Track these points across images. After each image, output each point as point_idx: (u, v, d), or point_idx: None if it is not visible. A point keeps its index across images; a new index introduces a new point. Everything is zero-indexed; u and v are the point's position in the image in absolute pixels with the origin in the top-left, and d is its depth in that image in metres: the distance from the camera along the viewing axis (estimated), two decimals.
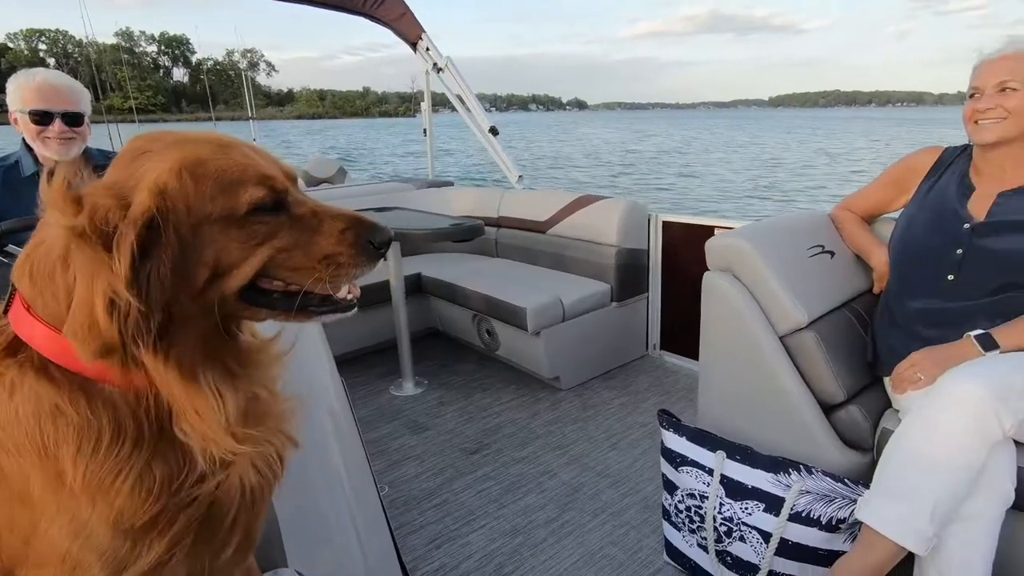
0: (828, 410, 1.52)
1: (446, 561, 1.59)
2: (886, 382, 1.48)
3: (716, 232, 1.74)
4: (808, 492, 1.26)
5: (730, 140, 38.12)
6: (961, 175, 1.51)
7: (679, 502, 1.45)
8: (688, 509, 1.43)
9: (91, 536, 0.57)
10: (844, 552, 1.23)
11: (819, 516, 1.25)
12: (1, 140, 5.88)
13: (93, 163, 1.70)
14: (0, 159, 1.75)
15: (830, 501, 1.24)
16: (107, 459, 0.56)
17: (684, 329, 2.74)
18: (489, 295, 2.55)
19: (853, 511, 1.21)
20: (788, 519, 1.27)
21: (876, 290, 1.70)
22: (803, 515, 1.26)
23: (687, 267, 2.65)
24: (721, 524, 1.36)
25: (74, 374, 0.57)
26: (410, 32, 3.61)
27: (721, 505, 1.36)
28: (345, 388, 1.30)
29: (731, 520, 1.34)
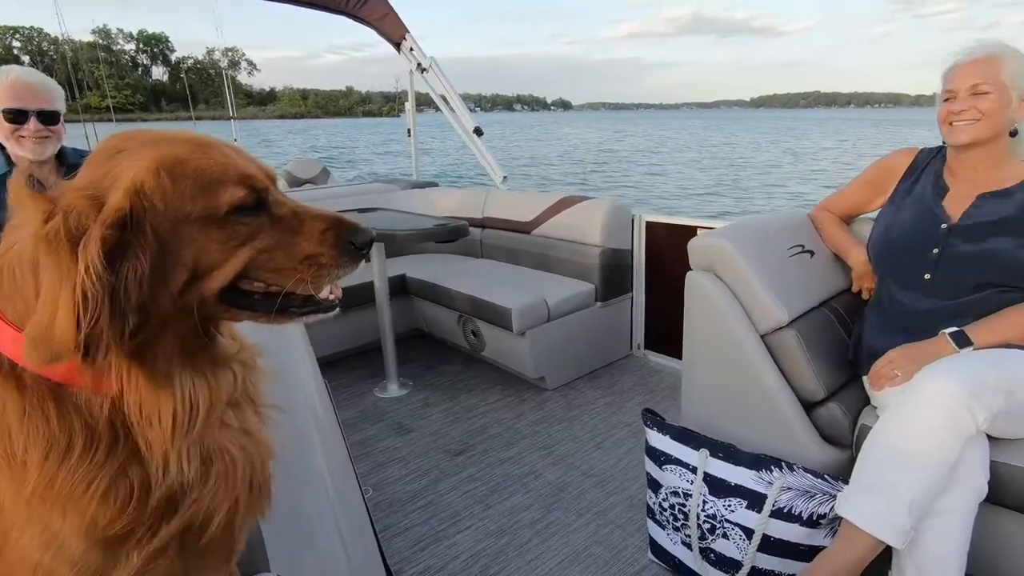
0: (809, 407, 1.54)
1: (432, 563, 1.59)
2: (865, 379, 1.51)
3: (699, 232, 1.76)
4: (789, 488, 1.28)
5: (704, 140, 38.68)
6: (936, 176, 1.54)
7: (663, 500, 1.46)
8: (672, 507, 1.44)
9: (63, 547, 0.56)
10: (825, 547, 1.24)
11: (800, 512, 1.26)
12: None
13: (68, 162, 1.67)
14: None
15: (811, 497, 1.26)
16: (79, 467, 0.54)
17: (668, 328, 2.76)
18: (474, 296, 2.55)
19: (833, 506, 1.23)
20: (770, 515, 1.28)
21: (855, 289, 1.74)
22: (785, 511, 1.28)
23: (670, 267, 2.67)
24: (704, 521, 1.38)
25: (45, 380, 0.56)
26: (394, 32, 3.60)
27: (704, 503, 1.37)
28: (328, 390, 1.29)
29: (714, 517, 1.36)
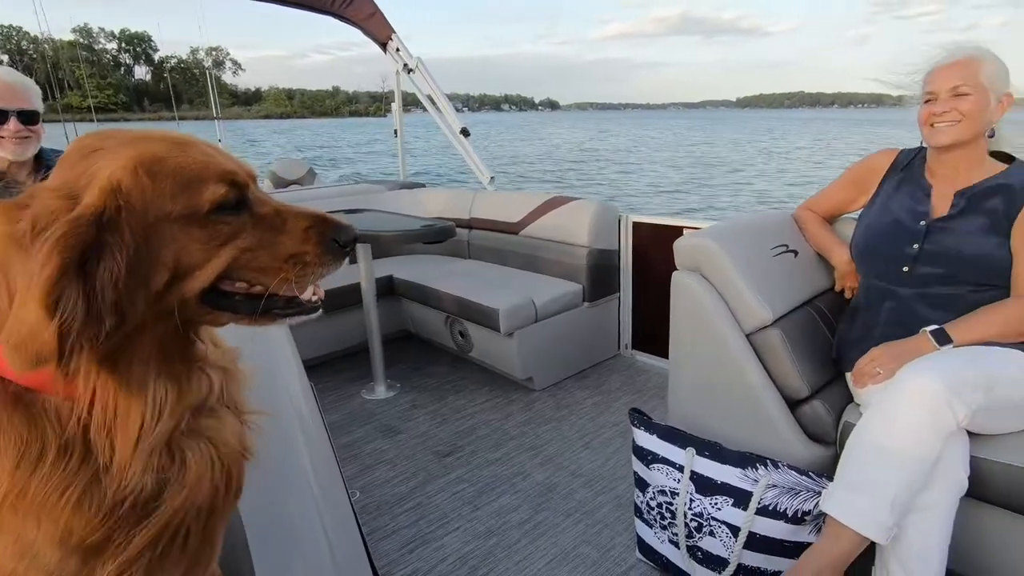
0: (793, 405, 1.55)
1: (419, 565, 1.58)
2: (848, 377, 1.53)
3: (685, 232, 1.77)
4: (775, 486, 1.29)
5: (684, 139, 39.19)
6: (917, 176, 1.56)
7: (651, 499, 1.47)
8: (659, 506, 1.45)
9: (38, 556, 0.55)
10: (810, 543, 1.26)
11: (785, 509, 1.28)
12: None
13: (46, 163, 1.65)
14: None
15: (796, 494, 1.27)
16: (52, 475, 0.53)
17: (655, 328, 2.77)
18: (462, 297, 2.54)
19: (818, 503, 1.24)
20: (756, 513, 1.29)
21: (837, 288, 1.76)
22: (770, 508, 1.29)
23: (657, 267, 2.69)
24: (691, 520, 1.38)
25: (15, 385, 0.55)
26: (380, 32, 3.58)
27: (691, 501, 1.38)
28: (314, 391, 1.28)
29: (701, 515, 1.37)
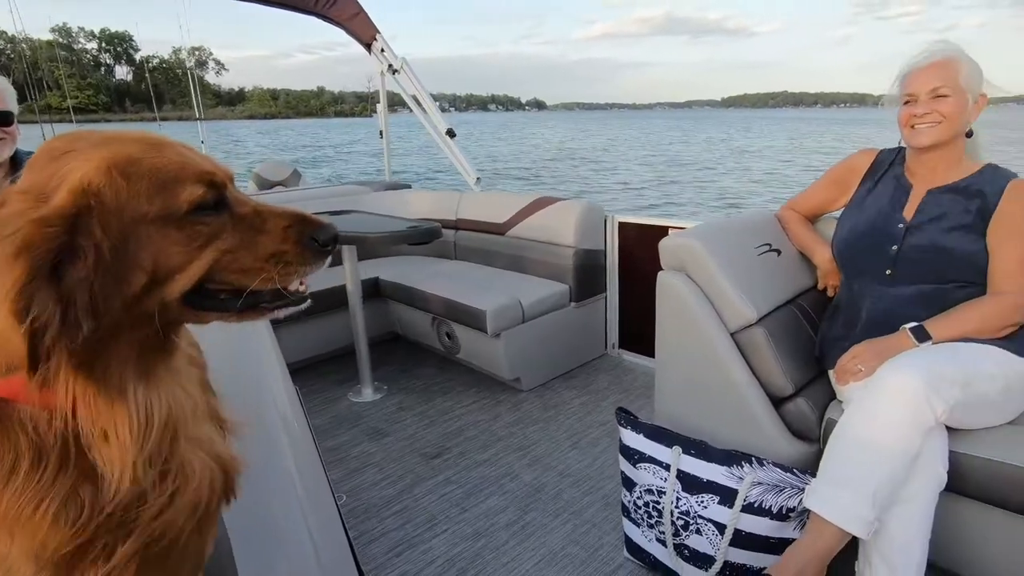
0: (777, 403, 1.57)
1: (407, 568, 1.57)
2: (831, 374, 1.55)
3: (670, 232, 1.78)
4: (760, 483, 1.30)
5: (663, 139, 39.69)
6: (897, 176, 1.59)
7: (638, 498, 1.48)
8: (647, 505, 1.46)
9: (12, 570, 0.54)
10: (794, 539, 1.27)
11: (770, 506, 1.29)
12: None
13: (22, 165, 1.62)
14: None
15: (780, 491, 1.29)
16: (26, 487, 0.52)
17: (641, 328, 2.79)
18: (448, 298, 2.53)
19: (802, 500, 1.26)
20: (741, 510, 1.31)
21: (820, 286, 1.78)
22: (755, 506, 1.30)
23: (643, 267, 2.70)
24: (678, 518, 1.39)
25: None
26: (364, 33, 3.56)
27: (678, 499, 1.39)
28: (299, 394, 1.27)
29: (687, 514, 1.38)
